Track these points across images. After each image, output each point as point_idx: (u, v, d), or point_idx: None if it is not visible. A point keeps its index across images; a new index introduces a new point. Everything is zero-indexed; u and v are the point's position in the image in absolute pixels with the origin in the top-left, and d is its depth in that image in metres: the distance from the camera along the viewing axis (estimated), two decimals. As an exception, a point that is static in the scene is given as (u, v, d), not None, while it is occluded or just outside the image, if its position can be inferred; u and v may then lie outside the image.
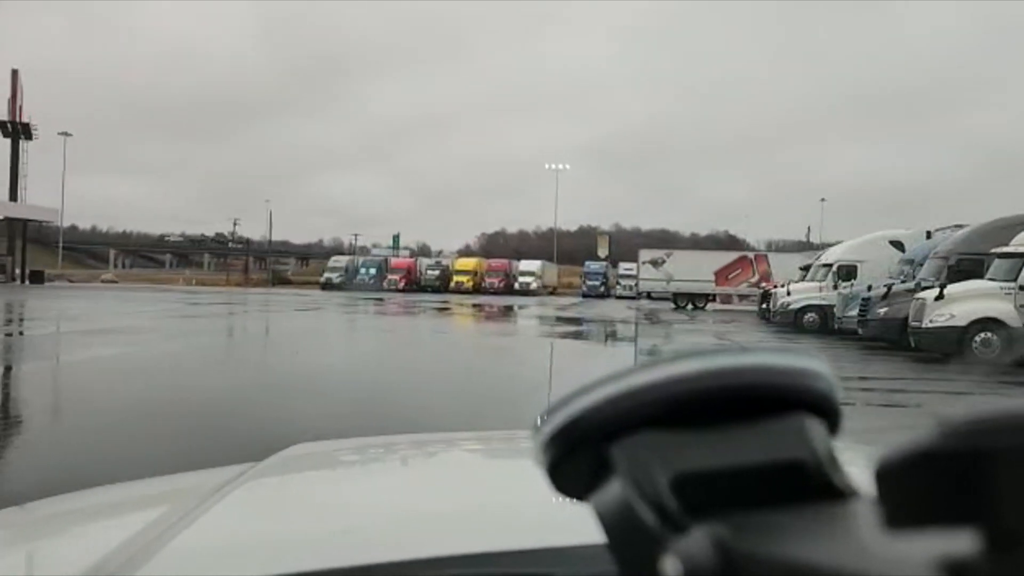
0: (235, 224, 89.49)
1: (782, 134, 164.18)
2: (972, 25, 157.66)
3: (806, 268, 28.01)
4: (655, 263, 42.85)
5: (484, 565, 0.75)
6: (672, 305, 42.12)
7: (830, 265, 24.97)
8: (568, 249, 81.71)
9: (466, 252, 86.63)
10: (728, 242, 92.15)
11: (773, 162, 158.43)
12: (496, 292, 59.10)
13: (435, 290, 60.02)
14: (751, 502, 0.40)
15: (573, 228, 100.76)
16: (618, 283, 59.76)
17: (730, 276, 42.16)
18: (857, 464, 0.43)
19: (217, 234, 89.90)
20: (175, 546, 0.87)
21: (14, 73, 65.41)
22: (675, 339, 20.97)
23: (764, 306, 28.81)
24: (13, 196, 63.94)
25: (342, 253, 78.06)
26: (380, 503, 1.14)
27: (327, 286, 61.21)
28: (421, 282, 62.83)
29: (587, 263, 64.41)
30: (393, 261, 67.40)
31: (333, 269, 64.37)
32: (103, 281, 67.27)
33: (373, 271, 63.70)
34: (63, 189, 76.05)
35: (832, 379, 0.45)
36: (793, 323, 24.23)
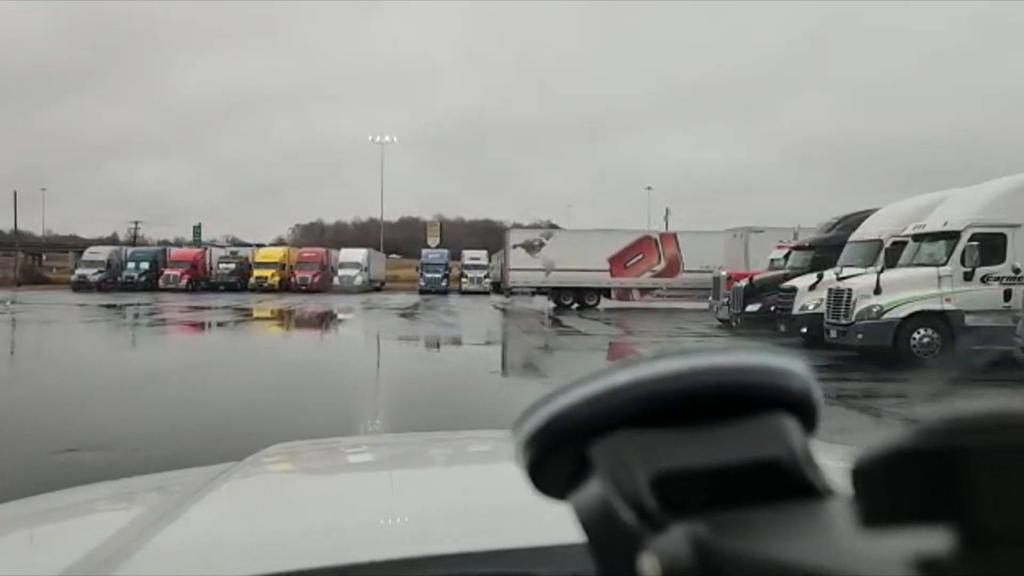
0: None
1: (605, 124, 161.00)
2: (798, 22, 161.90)
3: (795, 250, 18.66)
4: (530, 247, 31.91)
5: (464, 565, 0.75)
6: (551, 304, 31.83)
7: (948, 235, 13.32)
8: (390, 240, 71.33)
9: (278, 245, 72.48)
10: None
11: (595, 152, 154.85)
12: (310, 289, 46.53)
13: (230, 288, 47.05)
14: (729, 501, 0.40)
15: (395, 219, 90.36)
16: (463, 275, 48.88)
17: (628, 263, 32.18)
18: (834, 463, 0.43)
19: None
20: (154, 546, 0.87)
21: None
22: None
23: (729, 304, 18.98)
24: None
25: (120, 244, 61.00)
26: (360, 503, 1.13)
27: (80, 286, 46.47)
28: (212, 278, 49.08)
29: (424, 252, 52.83)
30: (173, 252, 52.50)
31: (89, 263, 48.94)
32: None
33: (145, 265, 49.16)
34: None
35: (810, 378, 0.45)
36: (886, 343, 13.03)
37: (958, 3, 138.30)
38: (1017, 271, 12.65)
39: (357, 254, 51.43)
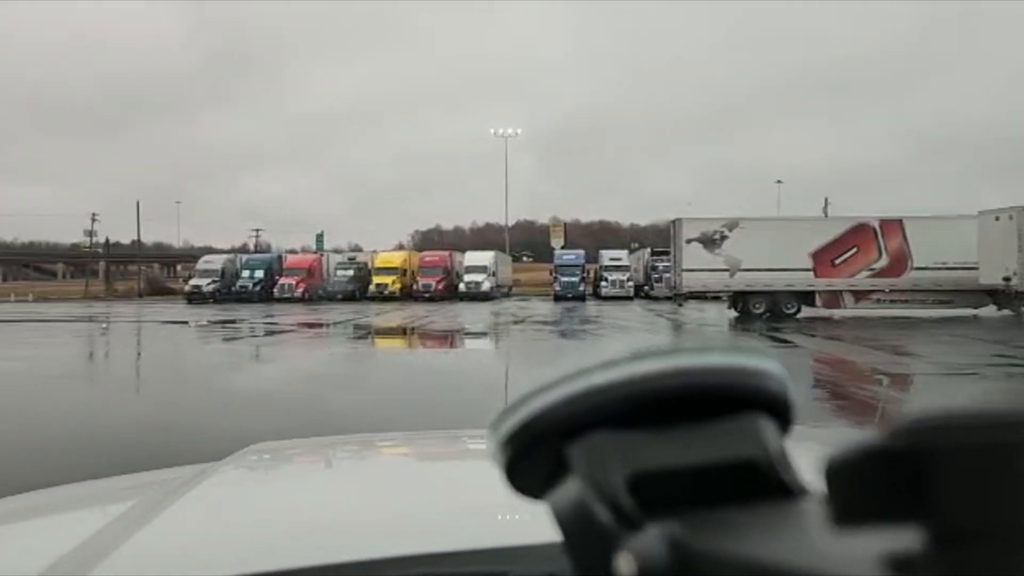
0: (93, 221, 70.88)
1: (723, 119, 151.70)
2: (924, 9, 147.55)
3: None
4: (709, 242, 25.26)
5: (442, 564, 0.76)
6: (732, 312, 25.38)
7: None
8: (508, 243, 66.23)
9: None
10: (669, 231, 78.41)
11: (714, 148, 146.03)
12: (433, 297, 41.71)
13: (349, 297, 43.06)
14: (705, 500, 0.41)
15: (510, 223, 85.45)
16: (603, 278, 42.96)
17: (838, 260, 25.01)
18: (808, 463, 0.44)
19: (94, 239, 71.36)
20: (133, 546, 0.87)
21: None
22: None
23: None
24: None
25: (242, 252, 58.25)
26: (338, 503, 1.13)
27: (194, 296, 43.50)
28: (329, 286, 45.10)
29: (558, 253, 47.31)
30: (288, 259, 48.90)
31: (204, 273, 45.88)
32: None
33: (260, 274, 45.75)
34: None
35: (785, 379, 0.46)
36: None
37: None
38: None
39: (484, 257, 46.31)
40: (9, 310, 37.98)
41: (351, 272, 45.81)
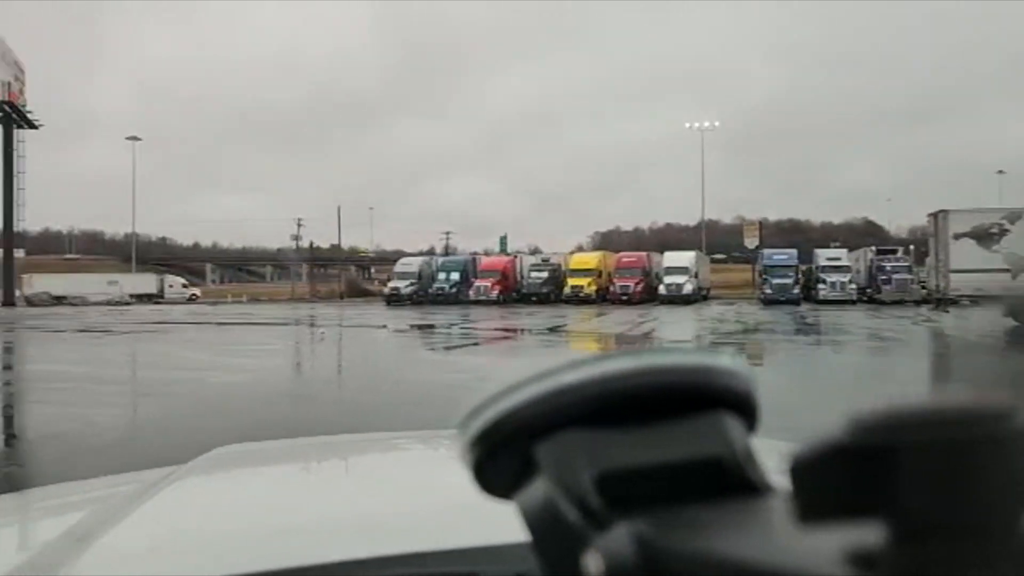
0: (299, 226, 75.11)
1: (924, 107, 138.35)
2: None
3: None
4: (983, 237, 21.66)
5: (412, 565, 0.76)
6: (1010, 319, 21.50)
7: None
8: (694, 244, 63.20)
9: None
10: (866, 229, 74.76)
11: (913, 139, 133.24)
12: (631, 300, 39.69)
13: (542, 299, 41.95)
14: (673, 498, 0.41)
15: (691, 223, 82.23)
16: (820, 280, 39.11)
17: None
18: (774, 460, 0.44)
19: (302, 241, 76.23)
20: (98, 549, 0.87)
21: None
22: None
23: None
24: (8, 189, 51.42)
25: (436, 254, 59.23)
26: (307, 504, 1.12)
27: (393, 298, 44.05)
28: (522, 289, 44.52)
29: (767, 252, 43.66)
30: (483, 261, 48.66)
31: (402, 276, 46.49)
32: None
33: (455, 276, 45.76)
34: (134, 198, 69.76)
35: (750, 378, 0.46)
36: None
37: None
38: None
39: (684, 257, 43.73)
40: (233, 311, 40.01)
41: (545, 274, 44.71)
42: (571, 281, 42.60)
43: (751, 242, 56.56)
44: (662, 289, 40.49)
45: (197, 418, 8.68)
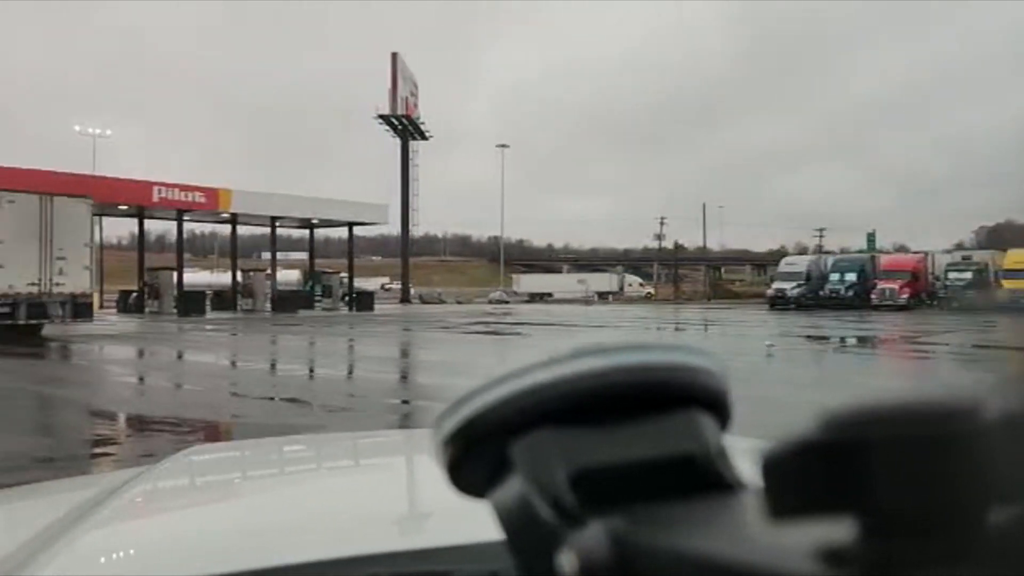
0: (662, 225, 74.89)
1: None
2: None
3: None
4: None
5: (385, 564, 0.76)
6: None
7: None
8: None
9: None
10: None
11: None
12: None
13: (967, 307, 34.76)
14: (646, 496, 0.41)
15: None
16: None
17: None
18: (746, 457, 0.44)
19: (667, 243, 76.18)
20: (67, 549, 0.87)
21: (393, 58, 55.54)
22: None
23: None
24: (404, 200, 55.32)
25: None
26: (279, 504, 1.12)
27: (778, 301, 39.97)
28: (937, 291, 37.74)
29: None
30: (885, 260, 42.60)
31: (787, 276, 42.24)
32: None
33: (852, 277, 40.52)
34: (502, 202, 76.95)
35: (723, 376, 0.46)
36: None
37: None
38: None
39: None
40: (605, 313, 38.98)
41: (968, 275, 37.71)
42: (1006, 283, 35.06)
43: None
44: None
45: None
